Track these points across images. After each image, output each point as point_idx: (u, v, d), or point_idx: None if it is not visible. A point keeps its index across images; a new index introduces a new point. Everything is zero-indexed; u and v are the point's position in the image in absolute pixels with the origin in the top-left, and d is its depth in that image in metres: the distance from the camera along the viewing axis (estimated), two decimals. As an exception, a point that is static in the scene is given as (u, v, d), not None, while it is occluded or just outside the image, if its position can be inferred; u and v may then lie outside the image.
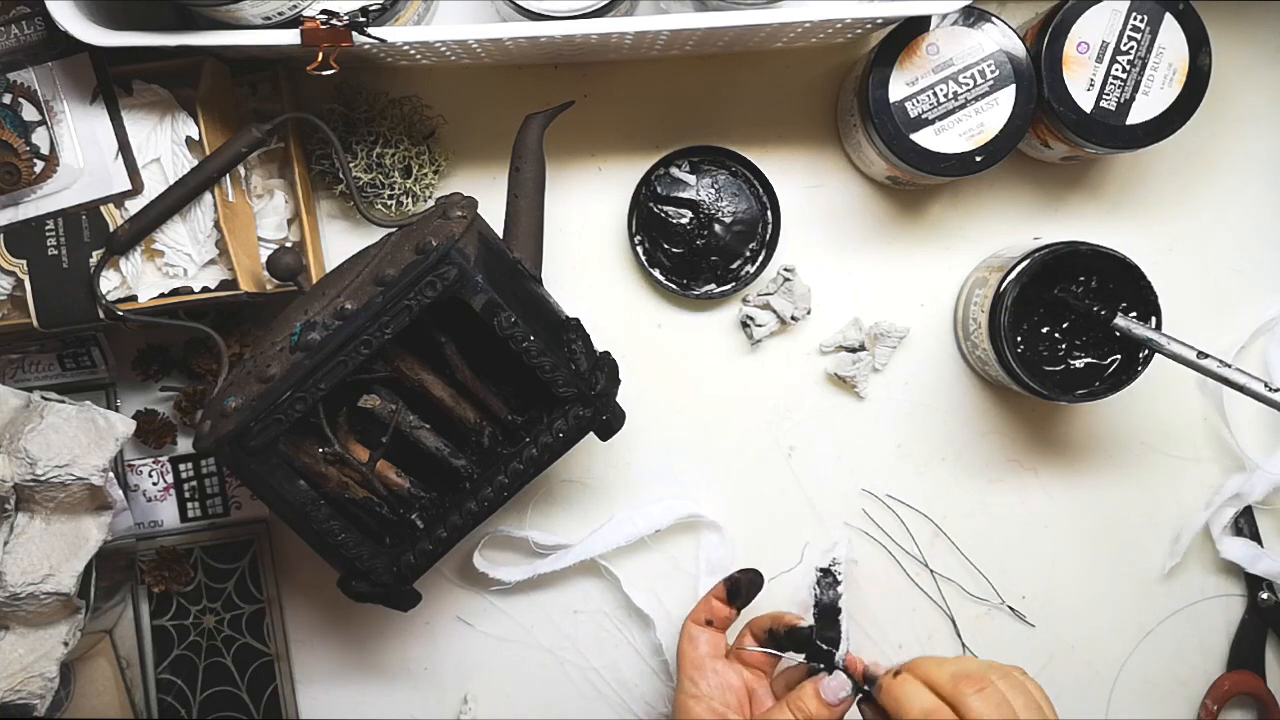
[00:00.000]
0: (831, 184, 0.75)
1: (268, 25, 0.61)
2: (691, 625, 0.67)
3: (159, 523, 0.75)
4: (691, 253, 0.73)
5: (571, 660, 0.76)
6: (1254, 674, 0.74)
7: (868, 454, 0.75)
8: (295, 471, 0.61)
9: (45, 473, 0.63)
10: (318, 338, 0.59)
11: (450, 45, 0.63)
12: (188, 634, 0.75)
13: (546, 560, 0.73)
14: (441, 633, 0.76)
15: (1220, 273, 0.75)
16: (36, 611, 0.64)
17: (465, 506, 0.63)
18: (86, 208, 0.65)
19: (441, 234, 0.59)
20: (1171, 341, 0.63)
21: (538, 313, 0.62)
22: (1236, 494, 0.73)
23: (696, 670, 0.65)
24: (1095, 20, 0.65)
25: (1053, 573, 0.75)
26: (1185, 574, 0.75)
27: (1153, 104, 0.66)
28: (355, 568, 0.62)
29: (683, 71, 0.74)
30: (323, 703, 0.76)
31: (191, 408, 0.74)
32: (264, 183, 0.71)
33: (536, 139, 0.65)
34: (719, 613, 0.67)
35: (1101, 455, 0.75)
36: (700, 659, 0.66)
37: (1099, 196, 0.75)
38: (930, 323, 0.75)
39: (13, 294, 0.66)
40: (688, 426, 0.75)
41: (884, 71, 0.66)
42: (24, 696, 0.64)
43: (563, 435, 0.63)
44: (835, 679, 0.59)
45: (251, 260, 0.68)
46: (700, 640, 0.66)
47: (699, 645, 0.66)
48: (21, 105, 0.64)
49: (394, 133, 0.71)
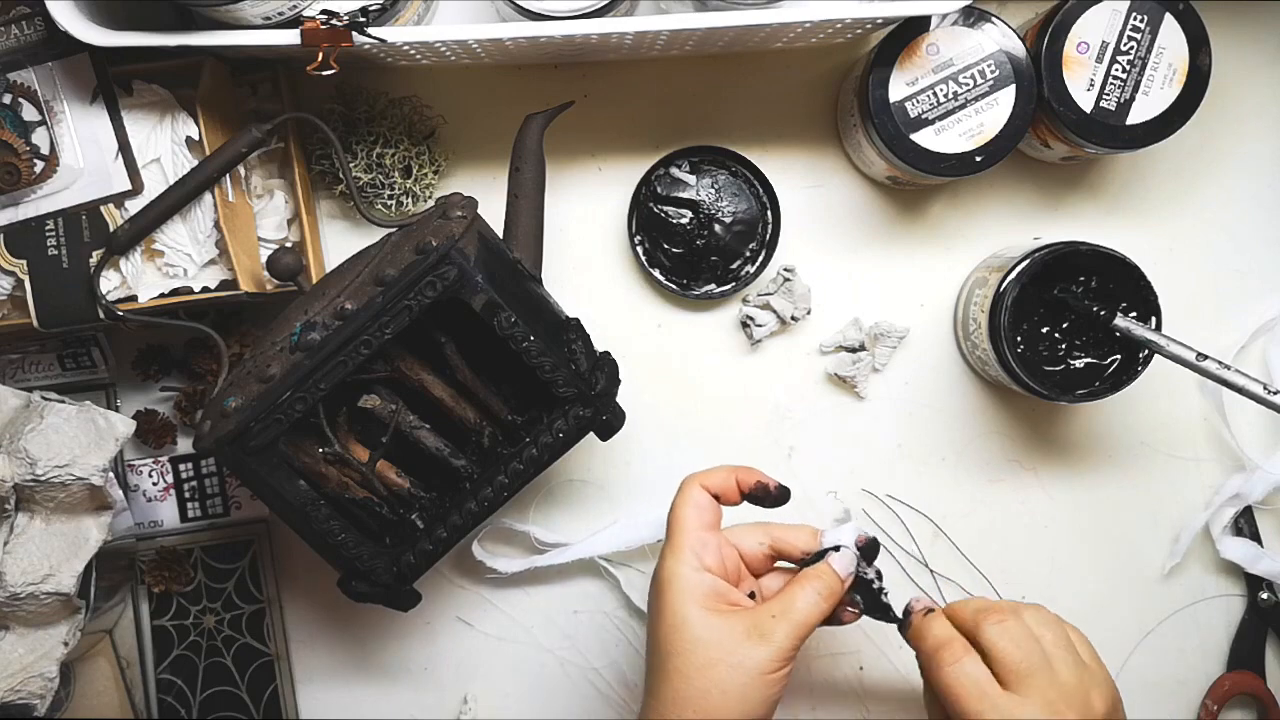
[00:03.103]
0: (831, 184, 0.75)
1: (268, 25, 0.61)
2: (700, 490, 0.60)
3: (159, 523, 0.75)
4: (691, 253, 0.73)
5: (572, 660, 0.76)
6: (1254, 674, 0.74)
7: (868, 454, 0.75)
8: (295, 471, 0.61)
9: (45, 473, 0.63)
10: (318, 338, 0.59)
11: (450, 45, 0.63)
12: (188, 634, 0.75)
13: (545, 556, 0.73)
14: (441, 633, 0.76)
15: (1220, 273, 0.75)
16: (36, 611, 0.64)
17: (465, 506, 0.63)
18: (86, 208, 0.65)
19: (441, 234, 0.59)
20: (1171, 343, 0.63)
21: (538, 313, 0.62)
22: (1236, 494, 0.73)
23: (699, 540, 0.58)
24: (1095, 20, 0.65)
25: (1052, 573, 0.75)
26: (1185, 574, 0.75)
27: (1153, 104, 0.66)
28: (355, 568, 0.62)
29: (683, 71, 0.74)
30: (323, 703, 0.76)
31: (191, 408, 0.74)
32: (264, 183, 0.71)
33: (536, 139, 0.65)
34: (729, 498, 0.61)
35: (1101, 455, 0.75)
36: (703, 527, 0.59)
37: (1099, 196, 0.75)
38: (930, 323, 0.75)
39: (13, 294, 0.66)
40: (688, 426, 0.75)
41: (884, 71, 0.66)
42: (24, 696, 0.64)
43: (563, 435, 0.63)
44: (844, 555, 0.59)
45: (251, 260, 0.68)
46: (708, 510, 0.60)
47: (705, 513, 0.59)
48: (21, 105, 0.64)
49: (394, 133, 0.71)
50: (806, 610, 0.56)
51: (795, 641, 0.55)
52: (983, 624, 0.55)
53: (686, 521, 0.59)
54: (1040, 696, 0.52)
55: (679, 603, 0.56)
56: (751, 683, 0.54)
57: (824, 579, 0.57)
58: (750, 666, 0.54)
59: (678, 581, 0.57)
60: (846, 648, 0.75)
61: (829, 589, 0.57)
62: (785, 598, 0.57)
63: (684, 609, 0.56)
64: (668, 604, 0.57)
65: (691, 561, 0.57)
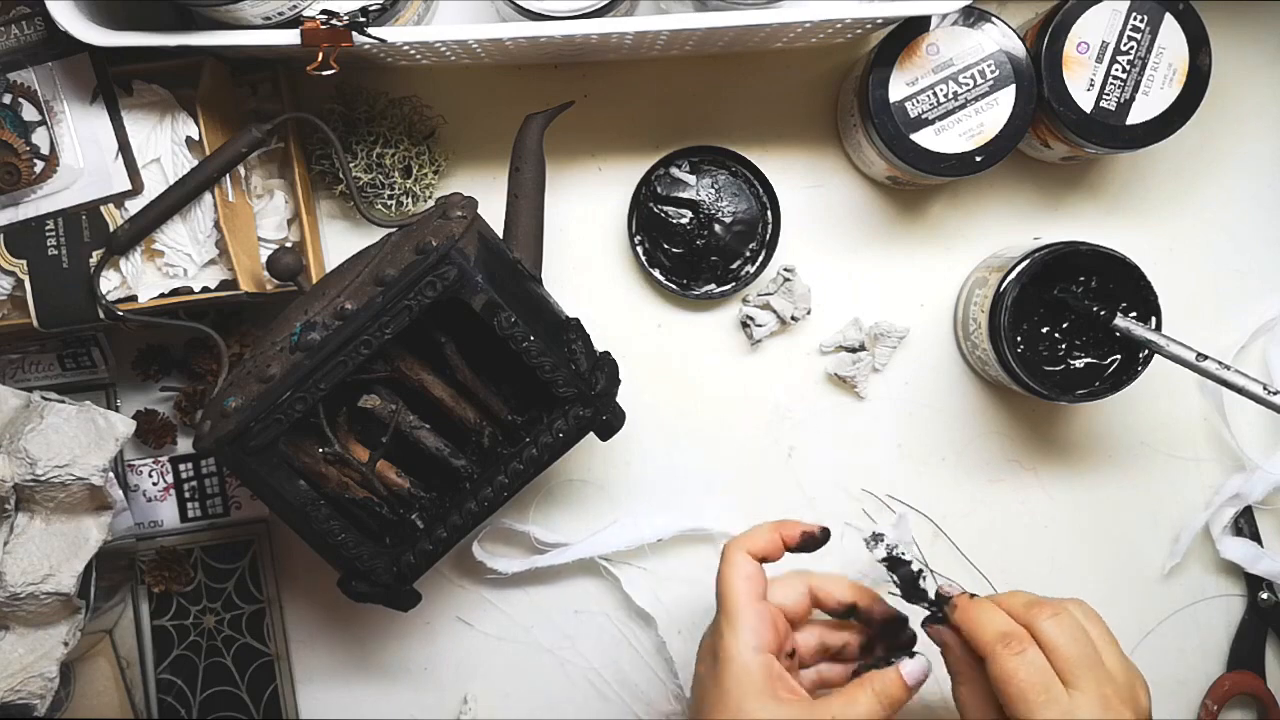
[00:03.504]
0: (831, 184, 0.75)
1: (268, 25, 0.61)
2: (746, 559, 0.58)
3: (159, 523, 0.75)
4: (691, 253, 0.73)
5: (572, 660, 0.76)
6: (1254, 674, 0.74)
7: (868, 454, 0.75)
8: (295, 471, 0.61)
9: (45, 473, 0.63)
10: (318, 338, 0.59)
11: (450, 45, 0.63)
12: (188, 634, 0.75)
13: (545, 556, 0.73)
14: (441, 633, 0.76)
15: (1220, 273, 0.75)
16: (36, 611, 0.64)
17: (465, 506, 0.63)
18: (86, 208, 0.65)
19: (441, 234, 0.59)
20: (1171, 343, 0.63)
21: (538, 313, 0.62)
22: (1236, 494, 0.73)
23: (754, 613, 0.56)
24: (1095, 20, 0.65)
25: (1053, 573, 0.75)
26: (1185, 574, 0.75)
27: (1153, 104, 0.66)
28: (355, 568, 0.62)
29: (683, 71, 0.74)
30: (323, 703, 0.76)
31: (191, 408, 0.74)
32: (264, 183, 0.71)
33: (536, 139, 0.65)
34: (774, 556, 0.59)
35: (1101, 455, 0.75)
36: (753, 597, 0.57)
37: (1099, 196, 0.75)
38: (930, 323, 0.75)
39: (13, 294, 0.66)
40: (688, 426, 0.75)
41: (884, 71, 0.66)
42: (24, 696, 0.64)
43: (563, 435, 0.63)
44: (917, 663, 0.57)
45: (251, 260, 0.68)
46: (757, 579, 0.57)
47: (756, 584, 0.57)
48: (21, 105, 0.64)
49: (394, 133, 0.71)
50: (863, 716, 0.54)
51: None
52: (1038, 618, 0.54)
53: (740, 596, 0.56)
54: (1096, 691, 0.52)
55: (739, 692, 0.54)
56: None
57: (889, 687, 0.55)
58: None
59: (736, 667, 0.55)
60: (846, 648, 0.75)
61: (891, 699, 0.55)
62: (848, 702, 0.55)
63: (745, 701, 0.54)
64: (728, 691, 0.55)
65: (751, 641, 0.55)
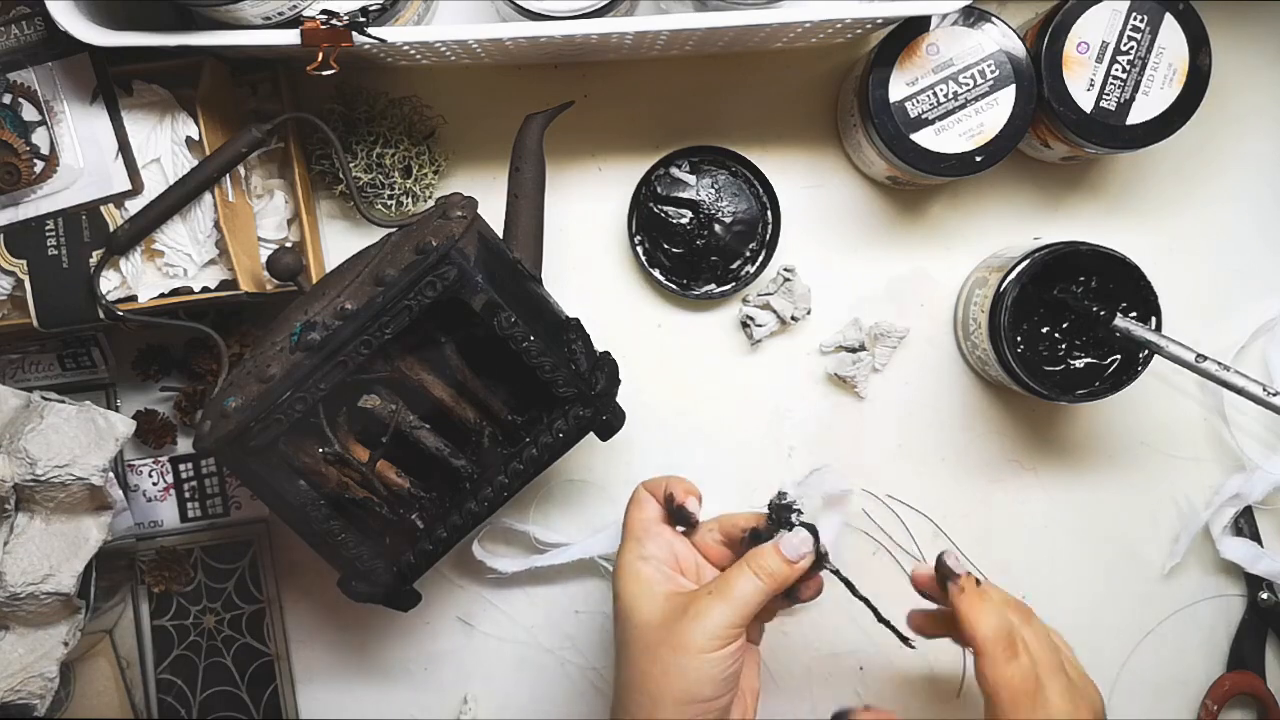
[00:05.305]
0: (831, 184, 0.75)
1: (268, 25, 0.61)
2: (645, 491, 0.63)
3: (159, 523, 0.75)
4: (691, 253, 0.73)
5: (572, 660, 0.76)
6: (1254, 674, 0.74)
7: (868, 454, 0.75)
8: (295, 471, 0.61)
9: (45, 473, 0.63)
10: (318, 338, 0.59)
11: (450, 45, 0.63)
12: (188, 634, 0.75)
13: (545, 556, 0.73)
14: (441, 633, 0.76)
15: (1220, 273, 0.75)
16: (36, 611, 0.64)
17: (465, 506, 0.63)
18: (86, 208, 0.65)
19: (441, 234, 0.59)
20: (1171, 343, 0.63)
21: (538, 313, 0.62)
22: (1236, 494, 0.73)
23: (645, 534, 0.61)
24: (1095, 20, 0.65)
25: (1052, 573, 0.75)
26: (1185, 574, 0.75)
27: (1153, 104, 0.66)
28: (355, 568, 0.62)
29: (683, 71, 0.74)
30: (323, 703, 0.76)
31: (191, 408, 0.74)
32: (264, 183, 0.71)
33: (536, 139, 0.65)
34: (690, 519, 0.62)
35: (1101, 455, 0.75)
36: (649, 522, 0.61)
37: (1099, 196, 0.75)
38: (930, 323, 0.75)
39: (13, 294, 0.66)
40: (688, 426, 0.75)
41: (884, 71, 0.66)
42: (24, 696, 0.64)
43: (563, 435, 0.63)
44: (796, 535, 0.58)
45: (251, 260, 0.68)
46: (649, 505, 0.62)
47: (646, 509, 0.62)
48: (21, 105, 0.64)
49: (394, 133, 0.71)
50: (742, 588, 0.56)
51: (732, 619, 0.55)
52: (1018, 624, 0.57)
53: (630, 519, 0.62)
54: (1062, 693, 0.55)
55: (624, 590, 0.59)
56: (692, 662, 0.55)
57: (764, 558, 0.57)
58: (688, 646, 0.55)
59: (622, 570, 0.59)
60: (846, 647, 0.75)
61: (768, 570, 0.57)
62: (723, 577, 0.58)
63: (628, 596, 0.58)
64: (616, 594, 0.59)
65: (635, 550, 0.60)
